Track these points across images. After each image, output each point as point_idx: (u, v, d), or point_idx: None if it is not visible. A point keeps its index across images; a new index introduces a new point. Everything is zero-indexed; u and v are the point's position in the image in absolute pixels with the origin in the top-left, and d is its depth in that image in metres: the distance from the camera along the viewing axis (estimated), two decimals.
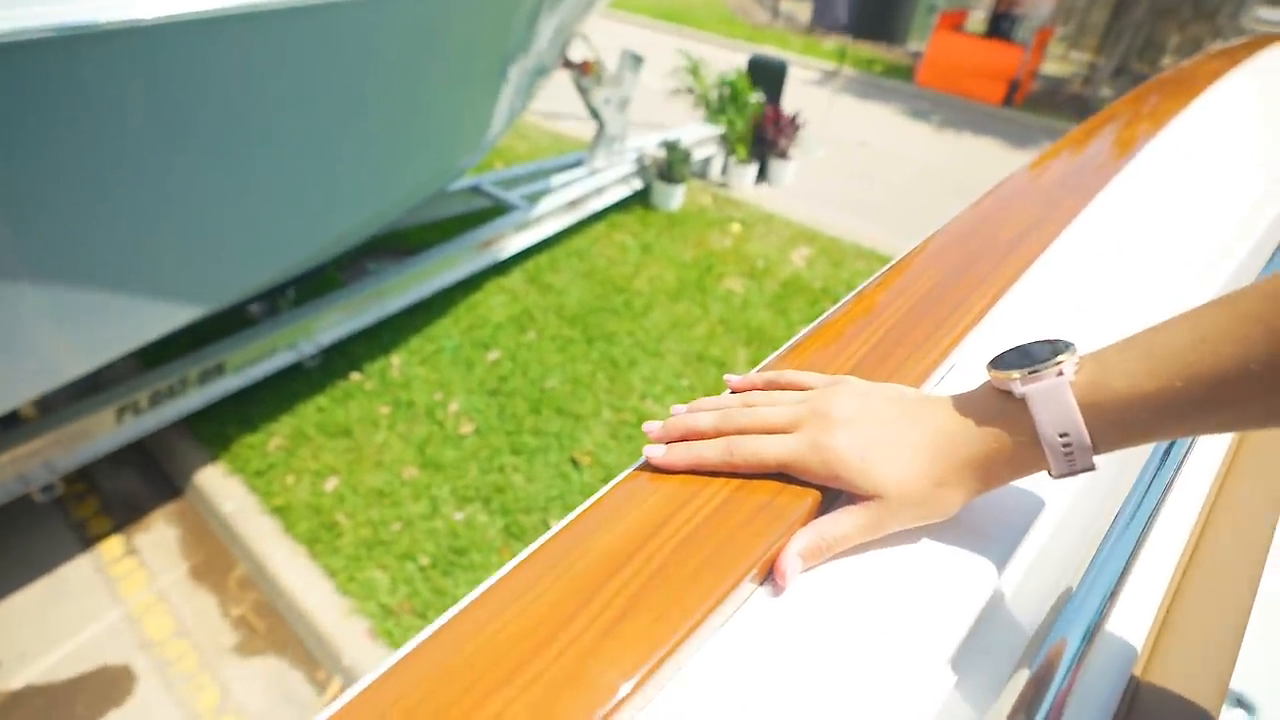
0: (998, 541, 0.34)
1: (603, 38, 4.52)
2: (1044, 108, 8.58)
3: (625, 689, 0.25)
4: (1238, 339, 0.28)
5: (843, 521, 0.33)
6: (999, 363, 0.33)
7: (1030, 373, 0.31)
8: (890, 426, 0.34)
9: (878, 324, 0.45)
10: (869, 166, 6.24)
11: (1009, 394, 0.32)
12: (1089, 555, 0.37)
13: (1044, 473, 0.33)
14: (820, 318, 0.48)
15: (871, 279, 0.53)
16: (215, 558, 2.48)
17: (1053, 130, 7.78)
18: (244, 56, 1.69)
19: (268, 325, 2.87)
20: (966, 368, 0.44)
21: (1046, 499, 0.36)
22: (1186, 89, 1.01)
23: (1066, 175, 0.72)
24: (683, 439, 0.36)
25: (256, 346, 2.80)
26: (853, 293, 0.51)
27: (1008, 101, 8.49)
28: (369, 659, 2.12)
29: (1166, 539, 0.48)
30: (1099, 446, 0.31)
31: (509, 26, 2.55)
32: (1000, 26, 8.53)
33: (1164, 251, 0.61)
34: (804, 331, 0.46)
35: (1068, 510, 0.38)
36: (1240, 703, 0.43)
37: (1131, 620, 0.42)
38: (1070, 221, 0.61)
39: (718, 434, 0.35)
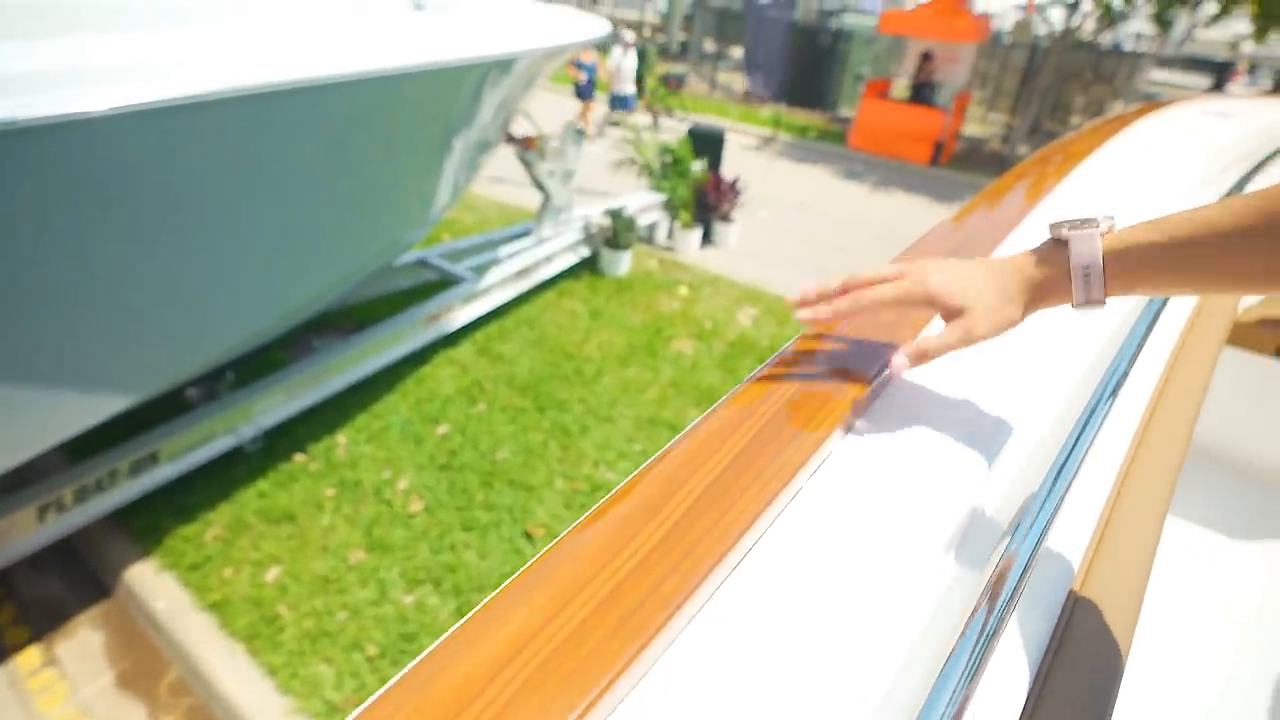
0: (973, 465, 0.45)
1: (549, 110, 4.67)
2: (967, 165, 9.11)
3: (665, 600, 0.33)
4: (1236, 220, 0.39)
5: (942, 333, 0.46)
6: (1059, 220, 0.46)
7: (1076, 224, 0.45)
8: (971, 267, 0.48)
9: (817, 361, 0.52)
10: (808, 226, 6.48)
11: (1058, 240, 0.45)
12: (1034, 487, 0.45)
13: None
14: (765, 362, 0.53)
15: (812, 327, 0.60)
16: (145, 662, 2.32)
17: (976, 185, 8.24)
18: (181, 142, 1.69)
19: (205, 410, 2.78)
20: (896, 396, 0.51)
21: (1007, 436, 0.48)
22: (1083, 149, 1.16)
23: (980, 226, 0.83)
24: (817, 300, 0.49)
25: (193, 433, 2.70)
26: (793, 339, 0.56)
27: (934, 161, 8.99)
28: None
29: (1095, 480, 0.58)
30: (1110, 283, 0.43)
31: (451, 106, 2.62)
32: (922, 93, 9.11)
33: None
34: (751, 375, 0.52)
35: (1027, 452, 0.51)
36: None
37: (1068, 548, 0.51)
38: None
39: (844, 291, 0.49)
